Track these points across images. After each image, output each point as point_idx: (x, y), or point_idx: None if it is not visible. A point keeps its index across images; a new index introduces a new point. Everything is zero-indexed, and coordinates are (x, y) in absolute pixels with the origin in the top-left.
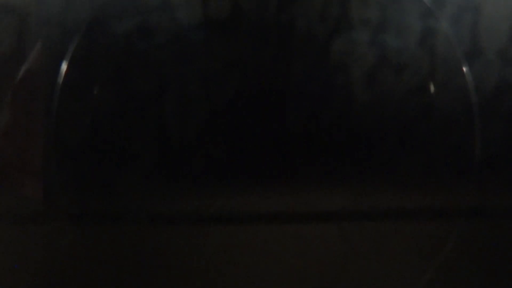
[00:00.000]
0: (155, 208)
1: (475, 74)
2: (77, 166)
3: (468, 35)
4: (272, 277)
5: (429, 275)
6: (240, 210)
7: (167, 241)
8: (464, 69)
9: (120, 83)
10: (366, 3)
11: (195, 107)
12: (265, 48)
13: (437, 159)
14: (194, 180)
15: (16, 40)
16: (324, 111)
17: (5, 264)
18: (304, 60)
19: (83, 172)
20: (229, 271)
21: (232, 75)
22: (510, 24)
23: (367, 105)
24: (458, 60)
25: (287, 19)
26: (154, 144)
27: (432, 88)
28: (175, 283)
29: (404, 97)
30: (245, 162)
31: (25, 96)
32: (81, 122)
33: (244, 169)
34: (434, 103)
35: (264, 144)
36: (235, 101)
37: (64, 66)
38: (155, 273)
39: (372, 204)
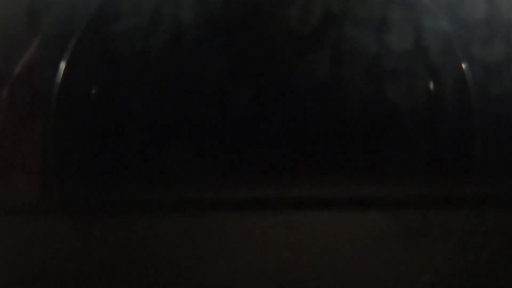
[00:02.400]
0: (152, 199)
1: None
2: (75, 161)
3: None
4: (267, 267)
5: (430, 272)
6: (236, 199)
7: (164, 231)
8: (464, 66)
9: (119, 82)
10: (365, 2)
11: (192, 104)
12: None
13: (437, 153)
14: (190, 171)
15: (14, 39)
16: (324, 107)
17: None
18: (301, 55)
19: (81, 165)
20: (226, 260)
21: (229, 73)
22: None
23: (368, 102)
24: (458, 58)
25: (284, 16)
26: (150, 140)
27: (432, 86)
28: (173, 273)
29: (404, 94)
30: (241, 152)
31: (24, 94)
32: (80, 118)
33: (240, 157)
34: (434, 99)
35: (257, 137)
36: (232, 98)
37: (62, 65)
38: (153, 264)
39: (371, 195)
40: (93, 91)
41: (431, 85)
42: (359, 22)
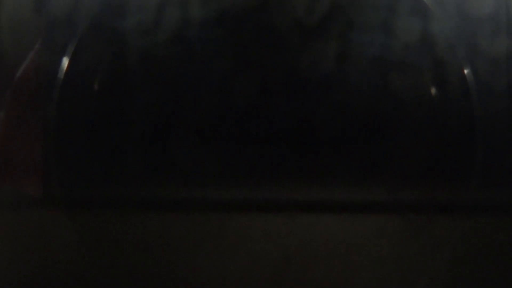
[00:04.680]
0: (153, 196)
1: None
2: (76, 157)
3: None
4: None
5: (430, 273)
6: (237, 199)
7: (164, 229)
8: (466, 71)
9: (120, 80)
10: (366, 4)
11: (195, 100)
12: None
13: (438, 158)
14: (192, 169)
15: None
16: (327, 103)
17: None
18: (307, 46)
19: (82, 162)
20: (227, 258)
21: (229, 73)
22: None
23: (371, 105)
24: (459, 61)
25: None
26: (152, 137)
27: (432, 90)
28: (172, 270)
29: (405, 97)
30: (242, 152)
31: (26, 91)
32: (81, 114)
33: (243, 158)
34: (434, 103)
35: (260, 138)
36: (237, 91)
37: (65, 63)
38: (152, 260)
39: (371, 199)
40: (95, 87)
41: (433, 89)
42: (365, 13)
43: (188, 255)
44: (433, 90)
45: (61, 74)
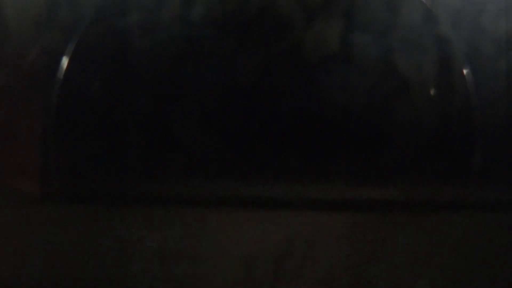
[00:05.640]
0: (153, 194)
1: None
2: (75, 156)
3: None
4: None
5: (429, 272)
6: (234, 196)
7: (160, 225)
8: (465, 71)
9: (119, 78)
10: (367, 5)
11: (189, 100)
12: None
13: (438, 156)
14: (188, 168)
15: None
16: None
17: (4, 243)
18: (305, 58)
19: (81, 160)
20: (225, 252)
21: (224, 72)
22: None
23: (371, 105)
24: (458, 62)
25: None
26: (150, 135)
27: (432, 90)
28: (172, 263)
29: (404, 97)
30: (238, 151)
31: (26, 88)
32: (80, 112)
33: (239, 156)
34: (434, 103)
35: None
36: (232, 97)
37: (64, 62)
38: (153, 254)
39: (370, 198)
40: (94, 87)
41: (432, 90)
42: (359, 26)
43: (189, 250)
44: (433, 88)
45: (61, 72)
